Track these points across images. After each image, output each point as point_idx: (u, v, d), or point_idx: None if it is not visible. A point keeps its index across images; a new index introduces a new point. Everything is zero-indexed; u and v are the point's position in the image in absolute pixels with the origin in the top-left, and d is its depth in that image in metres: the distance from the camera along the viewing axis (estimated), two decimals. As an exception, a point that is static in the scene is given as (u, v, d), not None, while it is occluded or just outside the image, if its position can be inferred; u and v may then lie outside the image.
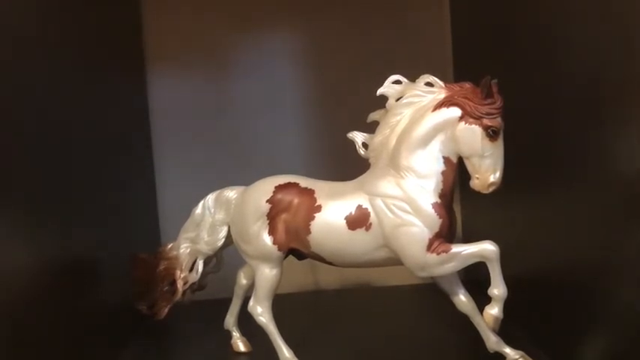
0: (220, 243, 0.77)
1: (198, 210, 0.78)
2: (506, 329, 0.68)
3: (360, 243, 0.67)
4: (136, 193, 0.99)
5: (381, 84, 0.68)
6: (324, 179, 0.73)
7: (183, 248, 0.79)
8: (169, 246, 0.80)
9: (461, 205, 1.04)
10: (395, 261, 0.68)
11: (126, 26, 1.02)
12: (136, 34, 1.05)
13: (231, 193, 0.76)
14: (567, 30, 0.63)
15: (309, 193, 0.70)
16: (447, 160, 0.66)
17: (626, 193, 0.54)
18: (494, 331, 0.68)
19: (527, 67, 0.73)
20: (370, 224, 0.67)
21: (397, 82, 0.68)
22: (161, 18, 1.07)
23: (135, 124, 1.02)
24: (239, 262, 0.79)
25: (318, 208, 0.69)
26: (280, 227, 0.71)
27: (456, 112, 0.64)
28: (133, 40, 1.04)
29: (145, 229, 1.03)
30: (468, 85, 0.65)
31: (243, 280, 0.81)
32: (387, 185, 0.67)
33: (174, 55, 1.08)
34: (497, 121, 0.63)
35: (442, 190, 0.66)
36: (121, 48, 0.98)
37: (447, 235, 0.66)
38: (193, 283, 0.79)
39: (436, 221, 0.65)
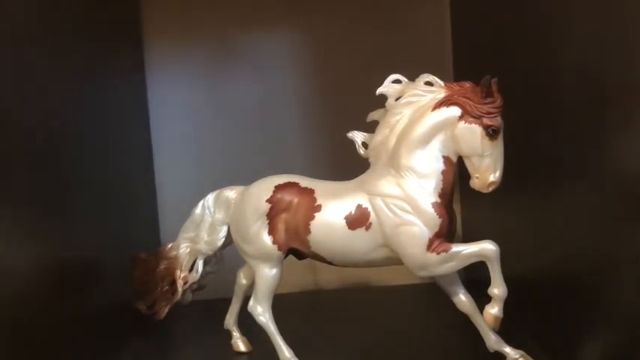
0: (220, 243, 0.76)
1: (198, 210, 0.78)
2: (506, 329, 0.68)
3: (360, 243, 0.67)
4: (135, 193, 0.99)
5: (380, 83, 0.68)
6: (324, 179, 0.73)
7: (182, 248, 0.78)
8: (169, 246, 0.80)
9: (461, 205, 1.04)
10: (395, 261, 0.68)
11: (126, 25, 1.02)
12: (136, 33, 1.05)
13: (231, 193, 0.76)
14: (568, 29, 0.63)
15: (308, 192, 0.70)
16: (446, 160, 0.66)
17: (626, 193, 0.54)
18: (494, 330, 0.68)
19: (527, 67, 0.73)
20: (370, 224, 0.67)
21: (397, 81, 0.68)
22: (161, 17, 1.07)
23: (135, 124, 1.02)
24: (239, 262, 0.79)
25: (318, 208, 0.69)
26: (280, 227, 0.71)
27: (455, 111, 0.64)
28: (133, 39, 1.04)
29: (145, 229, 1.03)
30: (467, 85, 0.65)
31: (242, 280, 0.81)
32: (386, 185, 0.67)
33: (175, 54, 1.08)
34: (497, 121, 0.63)
35: (442, 189, 0.66)
36: (120, 47, 0.98)
37: (446, 234, 0.66)
38: (193, 283, 0.79)
39: (436, 221, 0.65)
